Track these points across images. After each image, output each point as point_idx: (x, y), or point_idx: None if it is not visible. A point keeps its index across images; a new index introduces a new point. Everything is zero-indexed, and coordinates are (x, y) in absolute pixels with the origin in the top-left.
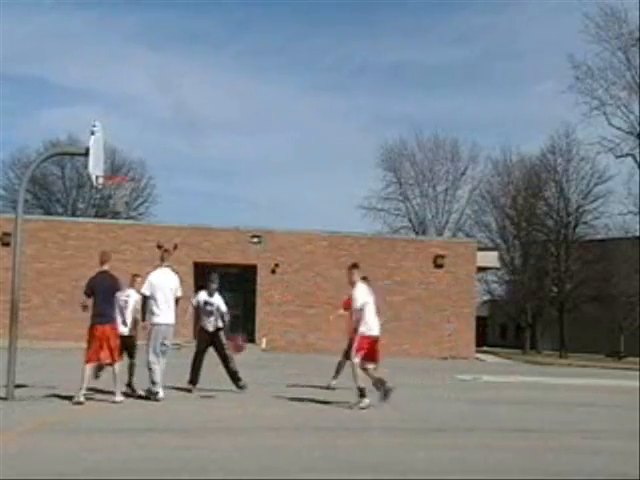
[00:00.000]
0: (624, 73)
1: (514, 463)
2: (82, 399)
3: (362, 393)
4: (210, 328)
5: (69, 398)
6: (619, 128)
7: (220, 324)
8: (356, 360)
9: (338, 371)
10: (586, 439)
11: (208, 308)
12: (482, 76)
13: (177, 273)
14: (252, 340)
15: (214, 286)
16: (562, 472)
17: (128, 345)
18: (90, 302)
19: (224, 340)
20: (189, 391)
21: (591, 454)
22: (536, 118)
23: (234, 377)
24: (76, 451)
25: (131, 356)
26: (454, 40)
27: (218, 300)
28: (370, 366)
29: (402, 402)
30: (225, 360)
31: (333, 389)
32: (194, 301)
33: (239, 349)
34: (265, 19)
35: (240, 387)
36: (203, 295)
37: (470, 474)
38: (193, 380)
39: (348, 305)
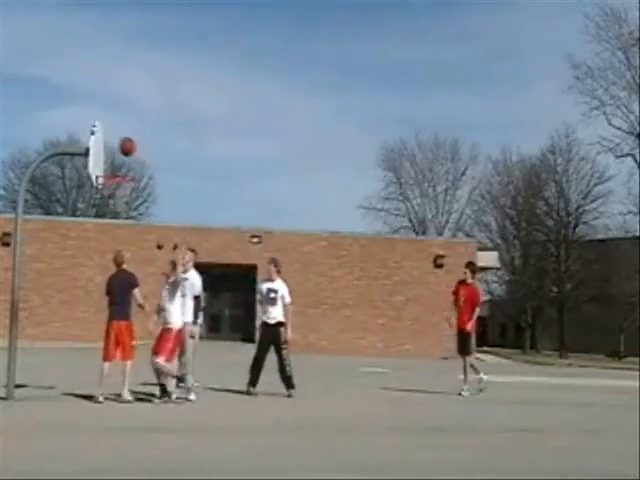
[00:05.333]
0: (624, 73)
1: (514, 463)
2: (101, 399)
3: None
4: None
5: (69, 398)
6: (619, 128)
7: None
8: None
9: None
10: (586, 439)
11: (272, 295)
12: (482, 76)
13: None
14: (252, 340)
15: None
16: (562, 472)
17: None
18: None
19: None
20: (249, 394)
21: (591, 454)
22: (536, 118)
23: (287, 382)
24: (76, 451)
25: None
26: (454, 40)
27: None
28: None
29: (402, 402)
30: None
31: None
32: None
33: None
34: (265, 19)
35: (289, 394)
36: (266, 283)
37: (470, 474)
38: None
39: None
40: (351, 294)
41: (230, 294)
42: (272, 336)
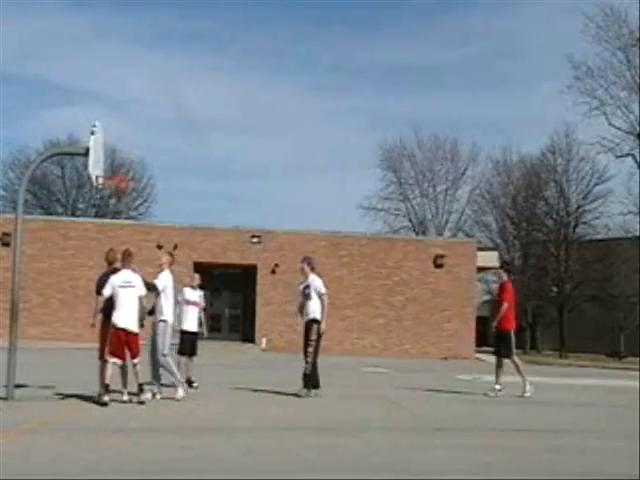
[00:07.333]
0: (624, 73)
1: (514, 463)
2: (107, 399)
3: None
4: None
5: (69, 398)
6: (619, 128)
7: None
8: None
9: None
10: (586, 439)
11: (307, 291)
12: (482, 76)
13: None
14: (252, 340)
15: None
16: (562, 472)
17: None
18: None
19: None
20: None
21: (591, 454)
22: (536, 118)
23: (304, 379)
24: (76, 451)
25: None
26: (454, 40)
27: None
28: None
29: (403, 402)
30: (306, 356)
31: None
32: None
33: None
34: (265, 20)
35: (300, 393)
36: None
37: (470, 474)
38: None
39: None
40: (351, 294)
41: (230, 294)
42: (305, 332)
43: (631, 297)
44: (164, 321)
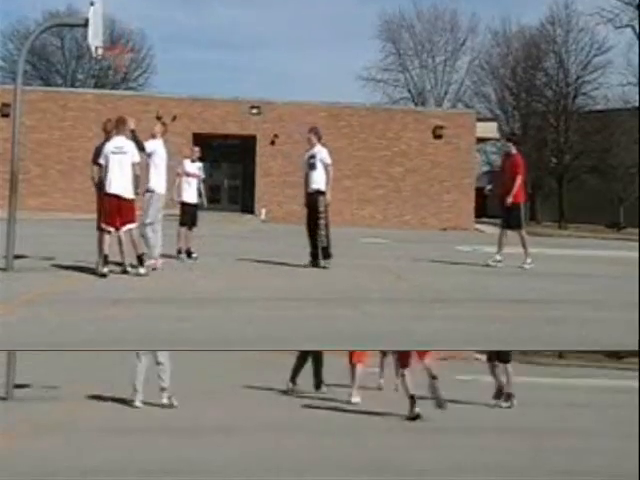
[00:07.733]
0: None
1: (514, 334)
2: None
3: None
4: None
5: (69, 269)
6: None
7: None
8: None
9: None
10: (585, 310)
11: (312, 161)
12: None
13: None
14: (251, 211)
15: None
16: (560, 342)
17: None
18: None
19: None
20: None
21: (590, 325)
22: None
23: (323, 251)
24: (75, 322)
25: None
26: None
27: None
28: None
29: (402, 273)
30: (319, 229)
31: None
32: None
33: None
34: None
35: (320, 265)
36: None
37: (471, 344)
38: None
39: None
40: (351, 165)
41: (229, 165)
42: (311, 205)
43: (630, 168)
44: (150, 191)
